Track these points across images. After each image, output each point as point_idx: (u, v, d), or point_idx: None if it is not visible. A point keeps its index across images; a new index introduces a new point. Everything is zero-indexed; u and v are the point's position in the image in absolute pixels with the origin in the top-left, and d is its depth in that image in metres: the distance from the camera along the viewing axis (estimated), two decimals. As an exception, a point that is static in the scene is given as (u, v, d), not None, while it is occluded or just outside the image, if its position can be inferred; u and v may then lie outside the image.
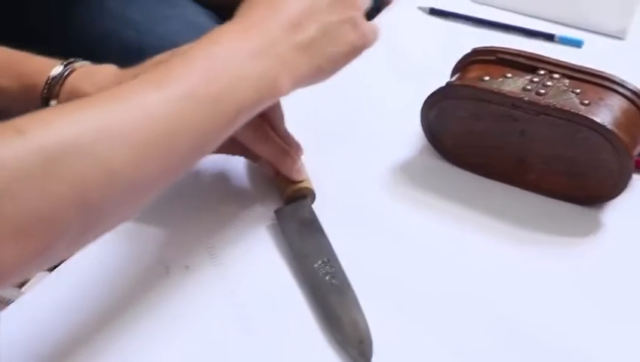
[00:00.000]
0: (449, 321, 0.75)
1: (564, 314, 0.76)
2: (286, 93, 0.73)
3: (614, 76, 0.85)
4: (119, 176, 0.62)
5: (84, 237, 0.63)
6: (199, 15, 1.33)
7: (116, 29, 1.27)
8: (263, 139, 0.82)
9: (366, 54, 1.04)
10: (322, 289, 0.76)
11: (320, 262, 0.78)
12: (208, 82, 0.67)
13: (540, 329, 0.75)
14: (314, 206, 0.84)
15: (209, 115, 0.67)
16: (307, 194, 0.84)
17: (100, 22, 1.29)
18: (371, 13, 1.18)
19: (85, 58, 0.89)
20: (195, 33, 1.30)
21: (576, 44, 1.09)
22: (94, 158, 0.60)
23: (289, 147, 0.84)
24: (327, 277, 0.76)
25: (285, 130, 0.85)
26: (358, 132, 0.95)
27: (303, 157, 0.86)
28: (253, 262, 0.80)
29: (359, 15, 0.78)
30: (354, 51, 0.78)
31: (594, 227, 0.84)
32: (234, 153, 0.86)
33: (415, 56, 1.06)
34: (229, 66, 0.69)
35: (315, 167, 0.86)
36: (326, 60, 0.75)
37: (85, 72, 0.85)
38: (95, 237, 0.64)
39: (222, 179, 0.88)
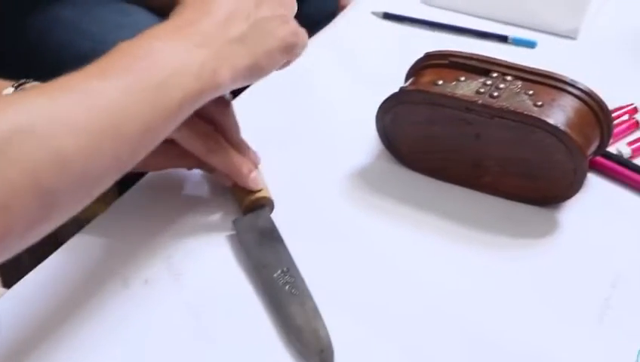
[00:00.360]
0: (410, 327, 0.75)
1: (523, 315, 0.77)
2: (226, 85, 0.75)
3: (566, 77, 0.86)
4: (72, 162, 0.63)
5: (41, 225, 0.64)
6: (153, 23, 1.33)
7: (71, 40, 1.27)
8: (216, 150, 0.82)
9: (321, 59, 1.05)
10: (282, 299, 0.76)
11: (279, 271, 0.78)
12: (150, 72, 0.69)
13: (499, 331, 0.75)
14: (273, 215, 0.84)
15: (153, 104, 0.69)
16: (265, 204, 0.84)
17: (54, 33, 1.28)
18: (327, 18, 1.19)
19: (40, 69, 0.88)
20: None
21: (530, 45, 1.10)
22: (47, 145, 0.62)
23: (245, 157, 0.84)
24: (286, 287, 0.76)
25: (240, 140, 0.85)
26: (314, 139, 0.95)
27: (260, 166, 0.86)
28: (212, 273, 0.80)
29: (288, 14, 0.81)
30: (287, 47, 0.79)
31: (551, 227, 0.85)
32: (189, 167, 0.86)
33: (370, 61, 1.07)
34: (169, 58, 0.71)
35: (272, 176, 0.86)
36: (261, 54, 0.77)
37: None
38: (51, 224, 0.65)
39: (180, 189, 0.88)
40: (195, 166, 0.86)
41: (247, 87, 0.98)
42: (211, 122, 0.83)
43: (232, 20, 0.77)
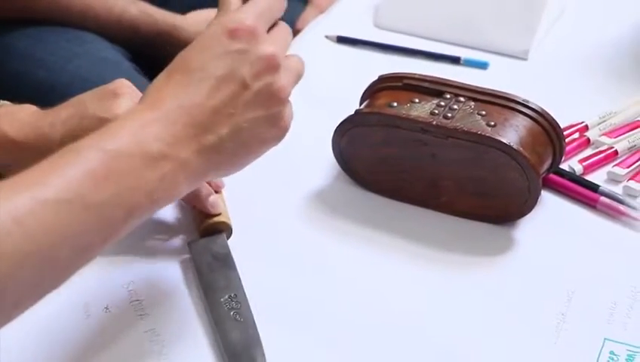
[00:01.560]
0: (365, 348, 0.76)
1: (481, 331, 0.78)
2: (183, 195, 0.69)
3: (518, 97, 0.87)
4: None
5: None
6: (108, 51, 1.34)
7: (26, 69, 1.27)
8: None
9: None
10: (225, 324, 0.76)
11: (227, 296, 0.78)
12: (95, 187, 0.61)
13: (459, 348, 0.76)
14: (231, 238, 0.84)
15: (92, 223, 0.62)
16: (223, 229, 0.84)
17: (10, 62, 1.28)
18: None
19: (-2, 99, 0.89)
20: (105, 68, 1.31)
21: (482, 66, 1.12)
22: None
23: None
24: (231, 313, 0.77)
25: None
26: (271, 162, 0.95)
27: (222, 191, 0.86)
28: (170, 298, 0.80)
29: (282, 109, 0.71)
30: (265, 149, 0.73)
31: (507, 245, 0.86)
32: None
33: (325, 85, 1.07)
34: (121, 171, 0.63)
35: (231, 199, 0.86)
36: (231, 163, 0.71)
37: (5, 112, 0.84)
38: None
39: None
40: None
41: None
42: None
43: (212, 123, 0.67)
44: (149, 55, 1.41)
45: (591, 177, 0.93)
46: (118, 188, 0.62)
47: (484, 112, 0.86)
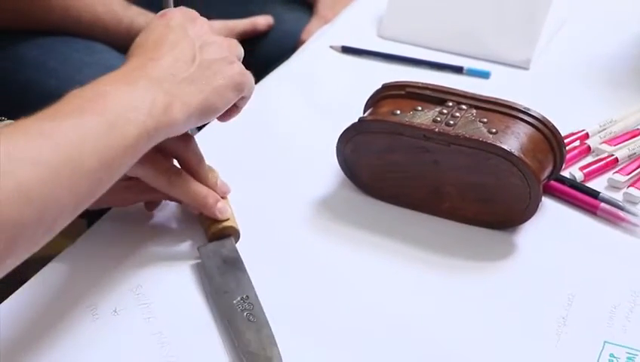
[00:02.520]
0: (371, 351, 0.77)
1: (483, 335, 0.79)
2: (180, 121, 0.77)
3: (519, 104, 0.89)
4: (33, 194, 0.65)
5: (6, 259, 0.65)
6: (118, 60, 1.35)
7: (37, 78, 1.28)
8: (179, 184, 0.84)
9: (282, 92, 1.07)
10: (239, 325, 0.77)
11: (239, 298, 0.79)
12: (101, 112, 0.71)
13: (461, 352, 0.77)
14: (238, 243, 0.86)
15: (108, 140, 0.71)
16: (231, 233, 0.86)
17: (21, 72, 1.30)
18: (287, 54, 1.21)
19: (7, 108, 0.90)
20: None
21: (484, 75, 1.14)
22: (7, 179, 0.63)
23: (210, 187, 0.86)
24: (245, 314, 0.78)
25: (205, 172, 0.86)
26: (277, 170, 0.97)
27: (228, 196, 0.88)
28: (178, 301, 0.81)
29: (233, 56, 0.83)
30: (236, 85, 0.82)
31: (508, 250, 0.87)
32: (157, 200, 0.89)
33: (329, 94, 1.09)
34: (119, 99, 0.73)
35: (238, 206, 0.88)
36: (211, 91, 0.80)
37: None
38: (16, 259, 0.66)
39: (148, 218, 0.89)
40: (163, 198, 0.88)
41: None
42: (174, 157, 0.85)
43: (178, 63, 0.79)
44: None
45: (591, 184, 0.94)
46: (120, 109, 0.73)
47: (485, 120, 0.87)
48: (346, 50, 1.18)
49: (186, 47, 0.81)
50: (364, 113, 0.93)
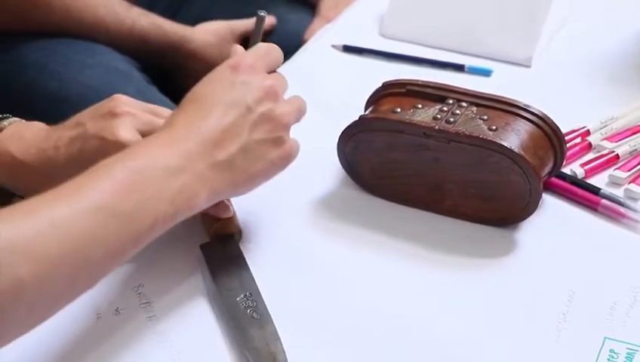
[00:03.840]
0: (373, 349, 0.77)
1: (484, 332, 0.79)
2: (202, 207, 0.76)
3: (519, 101, 0.89)
4: (27, 289, 0.64)
5: None
6: (119, 62, 1.36)
7: (40, 80, 1.29)
8: None
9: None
10: (243, 322, 0.77)
11: (242, 296, 0.80)
12: (122, 197, 0.69)
13: (463, 348, 0.77)
14: (240, 242, 0.86)
15: (121, 229, 0.69)
16: (233, 232, 0.86)
17: (23, 73, 1.31)
18: (290, 53, 1.22)
19: (9, 110, 0.90)
20: (116, 79, 1.33)
21: (486, 73, 1.14)
22: (6, 274, 0.62)
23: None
24: (248, 311, 0.78)
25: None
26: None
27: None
28: (180, 300, 0.81)
29: (284, 134, 0.80)
30: (274, 169, 0.80)
31: (509, 247, 0.87)
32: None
33: (331, 92, 1.09)
34: (144, 182, 0.71)
35: (239, 204, 0.88)
36: (244, 179, 0.78)
37: (14, 131, 0.85)
38: (2, 343, 0.65)
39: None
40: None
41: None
42: None
43: (222, 141, 0.76)
44: (159, 66, 1.43)
45: (592, 181, 0.94)
46: (142, 197, 0.70)
47: (485, 117, 0.88)
48: (348, 49, 1.18)
49: (240, 118, 0.77)
50: (364, 111, 0.93)
